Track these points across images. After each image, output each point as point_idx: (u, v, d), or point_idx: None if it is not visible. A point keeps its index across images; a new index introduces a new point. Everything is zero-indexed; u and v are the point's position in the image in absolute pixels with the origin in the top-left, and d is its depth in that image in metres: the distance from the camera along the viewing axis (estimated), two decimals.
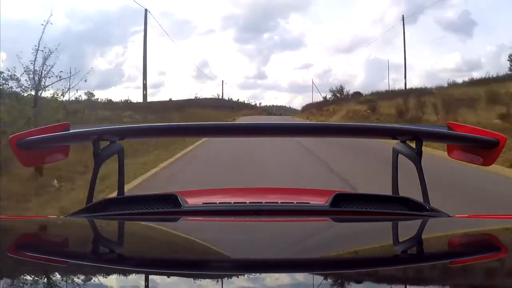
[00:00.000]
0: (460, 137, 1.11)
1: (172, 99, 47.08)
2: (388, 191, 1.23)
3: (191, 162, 9.17)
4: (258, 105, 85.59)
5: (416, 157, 1.07)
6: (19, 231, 0.94)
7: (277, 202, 1.23)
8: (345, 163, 8.24)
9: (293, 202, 1.23)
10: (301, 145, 10.80)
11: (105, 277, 0.64)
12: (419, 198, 1.12)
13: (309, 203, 1.25)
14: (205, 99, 60.65)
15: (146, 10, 21.46)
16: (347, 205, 1.09)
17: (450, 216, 1.04)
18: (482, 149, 1.08)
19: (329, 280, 0.63)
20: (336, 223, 1.04)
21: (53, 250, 0.76)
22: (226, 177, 6.33)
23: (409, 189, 1.25)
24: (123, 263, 0.70)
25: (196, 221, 1.05)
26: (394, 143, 1.15)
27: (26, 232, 0.94)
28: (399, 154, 1.14)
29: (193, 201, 1.20)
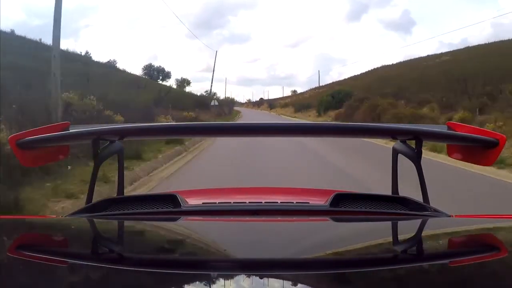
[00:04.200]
0: (460, 137, 1.10)
1: None
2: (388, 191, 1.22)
3: None
4: None
5: (416, 157, 1.06)
6: (19, 231, 0.94)
7: (277, 202, 1.23)
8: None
9: (292, 202, 1.23)
10: None
11: (105, 277, 0.64)
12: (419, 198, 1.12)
13: (308, 203, 1.25)
14: None
15: (216, 51, 29.32)
16: (346, 205, 1.09)
17: (449, 216, 1.04)
18: (482, 149, 1.08)
19: (329, 280, 0.63)
20: (336, 223, 1.04)
21: (53, 250, 0.76)
22: None
23: None
24: (123, 263, 0.70)
25: (195, 221, 1.05)
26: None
27: (26, 232, 0.94)
28: (399, 154, 1.14)
29: (192, 201, 1.21)
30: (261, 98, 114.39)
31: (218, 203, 1.20)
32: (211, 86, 45.19)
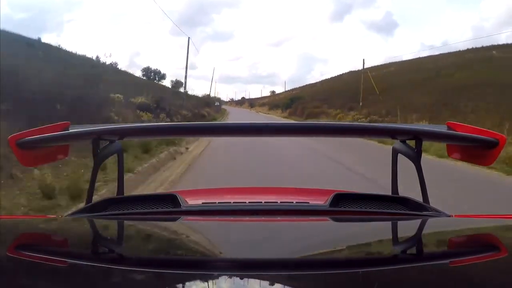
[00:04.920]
0: (460, 137, 1.10)
1: None
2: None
3: None
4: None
5: (416, 156, 1.06)
6: (19, 231, 0.94)
7: (277, 202, 1.23)
8: None
9: (292, 202, 1.23)
10: None
11: (105, 277, 0.64)
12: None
13: (308, 203, 1.25)
14: None
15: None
16: (346, 205, 1.10)
17: (449, 216, 1.04)
18: (482, 149, 1.08)
19: (329, 280, 0.63)
20: (336, 223, 1.04)
21: (53, 250, 0.76)
22: None
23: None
24: (123, 263, 0.70)
25: (195, 221, 1.05)
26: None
27: (26, 232, 0.94)
28: (399, 154, 1.14)
29: (192, 201, 1.21)
30: (243, 97, 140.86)
31: (218, 203, 1.20)
32: (210, 90, 59.39)
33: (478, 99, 21.38)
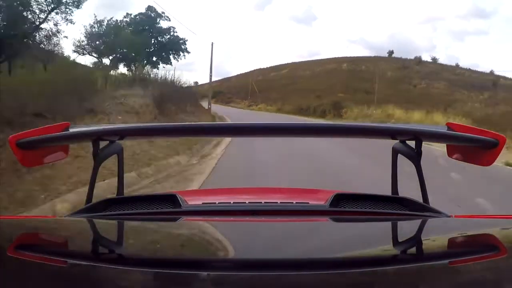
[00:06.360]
0: (460, 137, 1.09)
1: None
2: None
3: None
4: None
5: (416, 157, 1.07)
6: (19, 231, 0.94)
7: (277, 202, 1.23)
8: None
9: (292, 202, 1.22)
10: None
11: (105, 277, 0.63)
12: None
13: (308, 203, 1.25)
14: None
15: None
16: (346, 205, 1.10)
17: (449, 216, 1.04)
18: (482, 149, 1.08)
19: (328, 280, 0.63)
20: (335, 223, 1.04)
21: (53, 250, 0.76)
22: None
23: None
24: (123, 263, 0.70)
25: (195, 221, 1.04)
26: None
27: (26, 232, 0.93)
28: (399, 154, 1.15)
29: (192, 201, 1.20)
30: None
31: (218, 203, 1.19)
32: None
33: (299, 96, 44.72)
